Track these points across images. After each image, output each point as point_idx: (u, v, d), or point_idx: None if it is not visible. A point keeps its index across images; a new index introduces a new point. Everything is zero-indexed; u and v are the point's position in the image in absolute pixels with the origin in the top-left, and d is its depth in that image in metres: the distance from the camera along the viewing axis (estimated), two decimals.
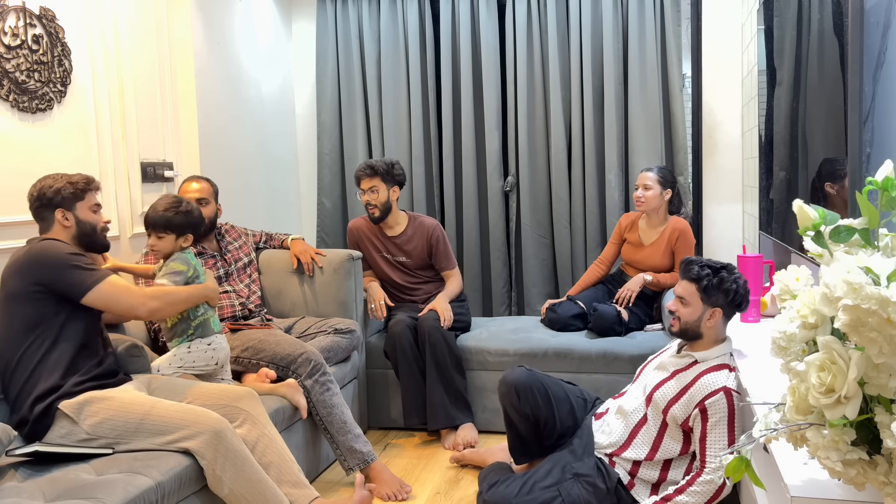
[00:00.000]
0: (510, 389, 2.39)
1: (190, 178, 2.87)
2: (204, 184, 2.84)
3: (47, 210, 2.10)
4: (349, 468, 2.51)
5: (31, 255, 1.99)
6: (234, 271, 2.88)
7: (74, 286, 1.98)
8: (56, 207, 2.10)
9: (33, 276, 1.96)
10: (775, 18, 2.60)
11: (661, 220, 3.21)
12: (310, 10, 4.18)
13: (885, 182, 1.03)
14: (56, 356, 1.97)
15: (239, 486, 1.93)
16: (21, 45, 2.39)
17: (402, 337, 3.02)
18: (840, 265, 0.95)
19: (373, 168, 3.14)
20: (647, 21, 3.68)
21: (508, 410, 2.44)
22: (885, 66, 1.51)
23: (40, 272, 1.96)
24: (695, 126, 3.75)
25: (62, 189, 2.10)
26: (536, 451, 2.45)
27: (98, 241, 2.18)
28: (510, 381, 2.40)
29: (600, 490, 2.13)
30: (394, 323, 3.07)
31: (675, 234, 3.14)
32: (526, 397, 2.36)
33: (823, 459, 0.95)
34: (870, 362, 0.92)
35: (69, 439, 1.92)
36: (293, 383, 2.46)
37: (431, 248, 3.26)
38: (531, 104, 3.88)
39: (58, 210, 2.09)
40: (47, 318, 1.98)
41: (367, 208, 3.20)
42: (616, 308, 3.09)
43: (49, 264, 1.97)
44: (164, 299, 2.15)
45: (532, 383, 2.37)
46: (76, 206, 2.12)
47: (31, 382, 1.94)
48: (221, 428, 1.94)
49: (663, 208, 3.20)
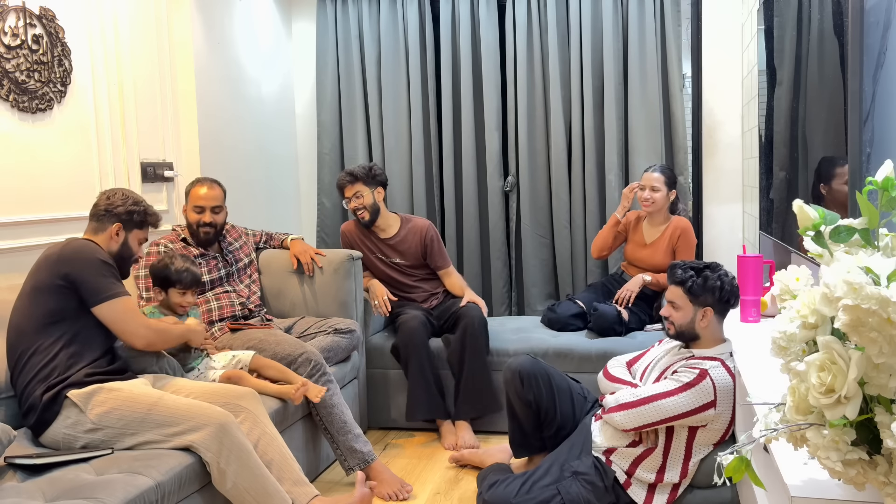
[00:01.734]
0: (514, 375, 2.42)
1: (201, 182, 2.83)
2: (217, 190, 2.83)
3: (110, 219, 2.18)
4: (349, 468, 2.51)
5: (67, 249, 2.05)
6: (235, 271, 2.88)
7: (93, 292, 2.02)
8: (117, 221, 2.17)
9: (62, 268, 2.01)
10: (775, 18, 2.60)
11: (663, 219, 3.23)
12: (310, 10, 4.18)
13: (885, 182, 1.03)
14: (72, 351, 2.01)
15: (243, 480, 1.94)
16: (21, 45, 2.39)
17: (416, 333, 3.02)
18: (840, 265, 0.95)
19: (352, 174, 3.18)
20: (647, 21, 3.68)
21: (511, 397, 2.46)
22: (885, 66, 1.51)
23: (69, 266, 2.01)
24: (695, 126, 3.75)
25: (135, 213, 2.21)
26: (536, 443, 2.47)
27: (126, 271, 2.25)
28: (515, 367, 2.43)
29: (599, 488, 2.14)
30: (408, 318, 3.07)
31: (678, 232, 3.16)
32: (529, 384, 2.38)
33: (823, 459, 0.95)
34: (870, 362, 0.91)
35: (75, 429, 1.94)
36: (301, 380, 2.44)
37: (426, 249, 3.27)
38: (531, 104, 3.88)
39: (117, 224, 2.17)
40: (68, 314, 2.02)
41: (355, 214, 3.22)
42: (616, 308, 3.09)
43: (80, 260, 2.03)
44: (162, 336, 2.20)
45: (537, 371, 2.40)
46: (132, 231, 2.21)
47: (43, 372, 1.97)
48: (227, 421, 1.95)
49: (667, 208, 3.22)
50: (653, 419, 2.08)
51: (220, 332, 2.69)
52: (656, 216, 3.22)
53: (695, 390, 2.02)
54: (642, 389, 2.11)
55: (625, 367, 2.37)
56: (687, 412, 2.04)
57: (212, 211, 2.78)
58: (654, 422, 2.08)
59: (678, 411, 2.04)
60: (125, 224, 2.19)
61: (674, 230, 3.17)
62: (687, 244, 3.15)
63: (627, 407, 2.10)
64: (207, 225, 2.78)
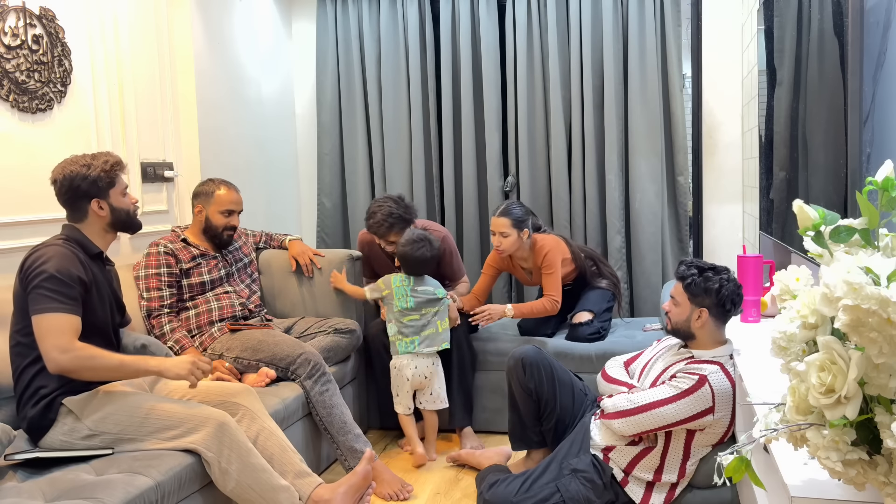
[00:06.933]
0: (517, 363, 2.43)
1: (222, 185, 2.80)
2: (238, 192, 2.84)
3: (82, 200, 2.02)
4: (350, 468, 2.51)
5: (27, 262, 1.93)
6: (235, 272, 2.88)
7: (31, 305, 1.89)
8: (91, 198, 2.03)
9: (23, 281, 1.92)
10: (775, 18, 2.60)
11: (528, 250, 3.06)
12: (310, 10, 4.18)
13: (885, 182, 1.03)
14: None
15: (246, 478, 1.93)
16: (21, 45, 2.39)
17: (376, 340, 3.03)
18: (840, 265, 0.95)
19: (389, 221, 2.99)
20: (647, 21, 3.68)
21: (513, 385, 2.47)
22: (885, 66, 1.51)
23: (26, 280, 1.91)
24: (695, 126, 3.75)
25: (97, 179, 2.02)
26: (535, 437, 2.48)
27: (133, 224, 2.14)
28: (518, 354, 2.45)
29: (597, 486, 2.15)
30: (371, 325, 3.09)
31: (541, 255, 3.00)
32: (531, 372, 2.40)
33: (823, 459, 0.95)
34: (870, 362, 0.91)
35: (72, 436, 1.92)
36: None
37: (440, 261, 3.24)
38: (531, 104, 3.88)
39: (93, 201, 2.03)
40: None
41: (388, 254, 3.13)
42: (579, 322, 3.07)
43: (32, 274, 1.90)
44: (84, 362, 1.88)
45: (539, 361, 2.42)
46: (110, 194, 2.06)
47: (38, 380, 1.94)
48: (225, 421, 1.95)
49: (525, 243, 3.02)
50: (652, 426, 2.08)
51: (219, 333, 2.69)
52: (519, 251, 3.06)
53: (693, 397, 2.02)
54: (640, 396, 2.10)
55: (622, 368, 2.37)
56: (685, 418, 2.04)
57: (238, 213, 2.81)
58: (653, 428, 2.09)
59: (677, 418, 2.04)
60: (100, 193, 2.03)
61: (537, 254, 3.03)
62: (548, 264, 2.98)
63: (626, 414, 2.10)
64: (233, 228, 2.79)
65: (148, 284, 2.61)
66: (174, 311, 2.64)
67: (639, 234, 3.78)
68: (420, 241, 2.86)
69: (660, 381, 2.14)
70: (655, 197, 3.76)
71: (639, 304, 3.85)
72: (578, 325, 3.06)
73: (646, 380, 2.23)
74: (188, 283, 2.69)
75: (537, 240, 3.04)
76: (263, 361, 2.57)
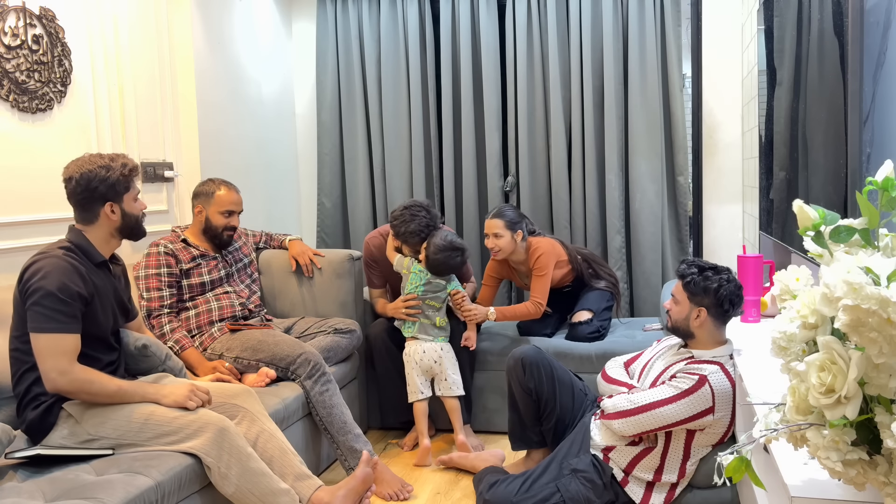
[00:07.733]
0: (517, 362, 2.44)
1: (223, 185, 2.79)
2: (238, 193, 2.84)
3: (96, 202, 1.99)
4: (350, 468, 2.51)
5: (27, 273, 1.90)
6: (235, 272, 2.88)
7: (30, 321, 1.86)
8: (106, 201, 2.00)
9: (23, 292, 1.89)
10: (775, 18, 2.60)
11: (523, 252, 3.06)
12: (310, 10, 4.19)
13: (885, 182, 1.03)
14: None
15: (245, 482, 1.93)
16: (21, 45, 2.39)
17: (377, 339, 3.03)
18: (840, 265, 0.95)
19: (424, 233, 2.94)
20: (647, 21, 3.68)
21: (513, 385, 2.47)
22: (885, 66, 1.51)
23: (26, 291, 1.88)
24: (695, 126, 3.75)
25: (116, 182, 1.98)
26: (535, 437, 2.48)
27: (139, 232, 2.12)
28: (518, 354, 2.46)
29: (597, 486, 2.15)
30: (372, 325, 3.09)
31: (535, 257, 3.01)
32: (531, 372, 2.40)
33: (823, 459, 0.95)
34: (870, 362, 0.92)
35: (72, 440, 1.92)
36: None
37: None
38: (531, 104, 3.88)
39: (108, 203, 2.00)
40: None
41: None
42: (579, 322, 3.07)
43: (32, 288, 1.86)
44: (82, 386, 1.87)
45: (539, 360, 2.42)
46: (124, 199, 2.03)
47: (38, 385, 1.92)
48: (224, 426, 1.94)
49: (520, 245, 3.03)
50: (652, 426, 2.08)
51: (219, 333, 2.69)
52: (514, 255, 3.06)
53: (693, 397, 2.02)
54: (640, 396, 2.10)
55: (622, 368, 2.37)
56: (685, 418, 2.04)
57: (238, 214, 2.81)
58: (653, 428, 2.09)
59: (677, 418, 2.04)
60: (115, 198, 2.00)
61: (531, 256, 3.03)
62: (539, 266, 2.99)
63: (626, 415, 2.10)
64: (233, 228, 2.79)
65: (148, 284, 2.61)
66: (174, 312, 2.64)
67: (639, 234, 3.78)
68: (455, 249, 2.90)
69: (660, 382, 2.14)
70: (655, 197, 3.76)
71: (639, 304, 3.85)
72: (578, 325, 3.07)
73: (646, 380, 2.23)
74: (188, 284, 2.69)
75: (532, 242, 3.05)
76: (263, 361, 2.57)
